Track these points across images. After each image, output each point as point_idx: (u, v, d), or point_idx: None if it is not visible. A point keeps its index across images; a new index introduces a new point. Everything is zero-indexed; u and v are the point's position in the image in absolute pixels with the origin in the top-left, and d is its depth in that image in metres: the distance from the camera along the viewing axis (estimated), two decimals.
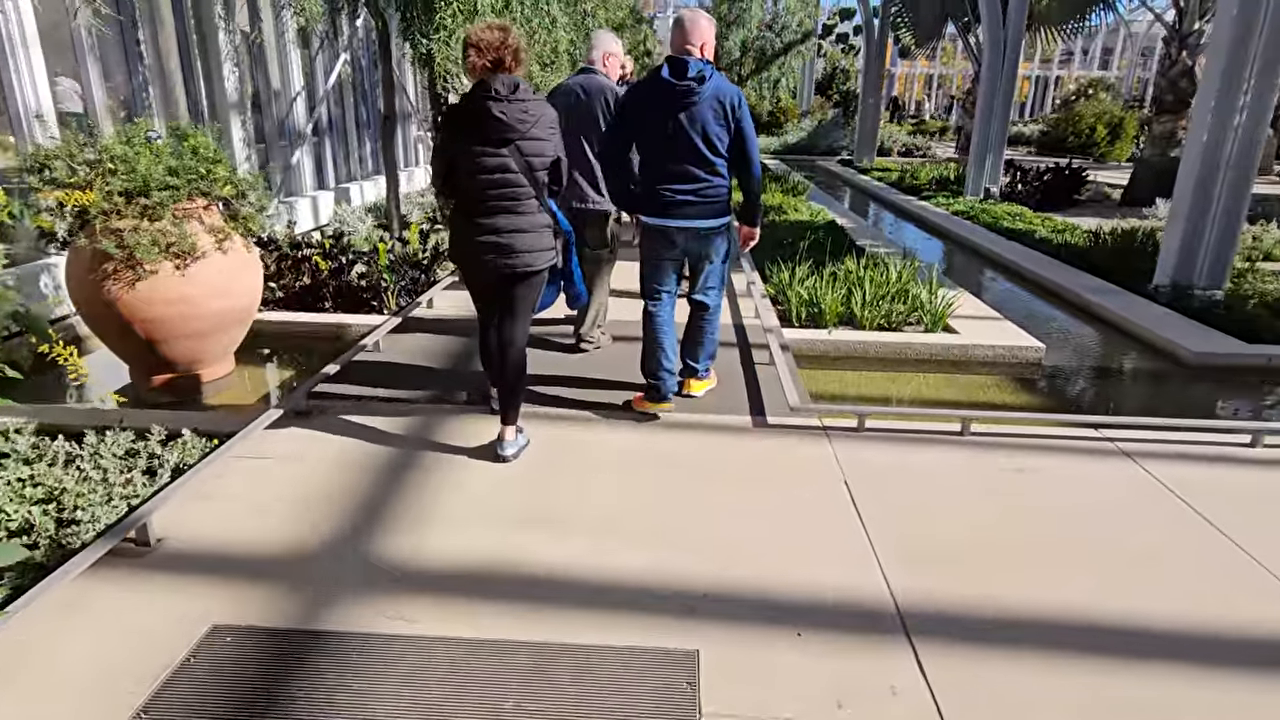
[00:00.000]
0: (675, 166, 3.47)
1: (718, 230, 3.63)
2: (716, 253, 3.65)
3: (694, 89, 3.39)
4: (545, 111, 3.09)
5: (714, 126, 3.41)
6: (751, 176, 3.55)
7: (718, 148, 3.46)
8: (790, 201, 10.72)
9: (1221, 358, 5.07)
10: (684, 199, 3.48)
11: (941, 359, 5.18)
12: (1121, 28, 35.23)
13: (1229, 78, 5.90)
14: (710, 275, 3.74)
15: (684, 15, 3.60)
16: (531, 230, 3.12)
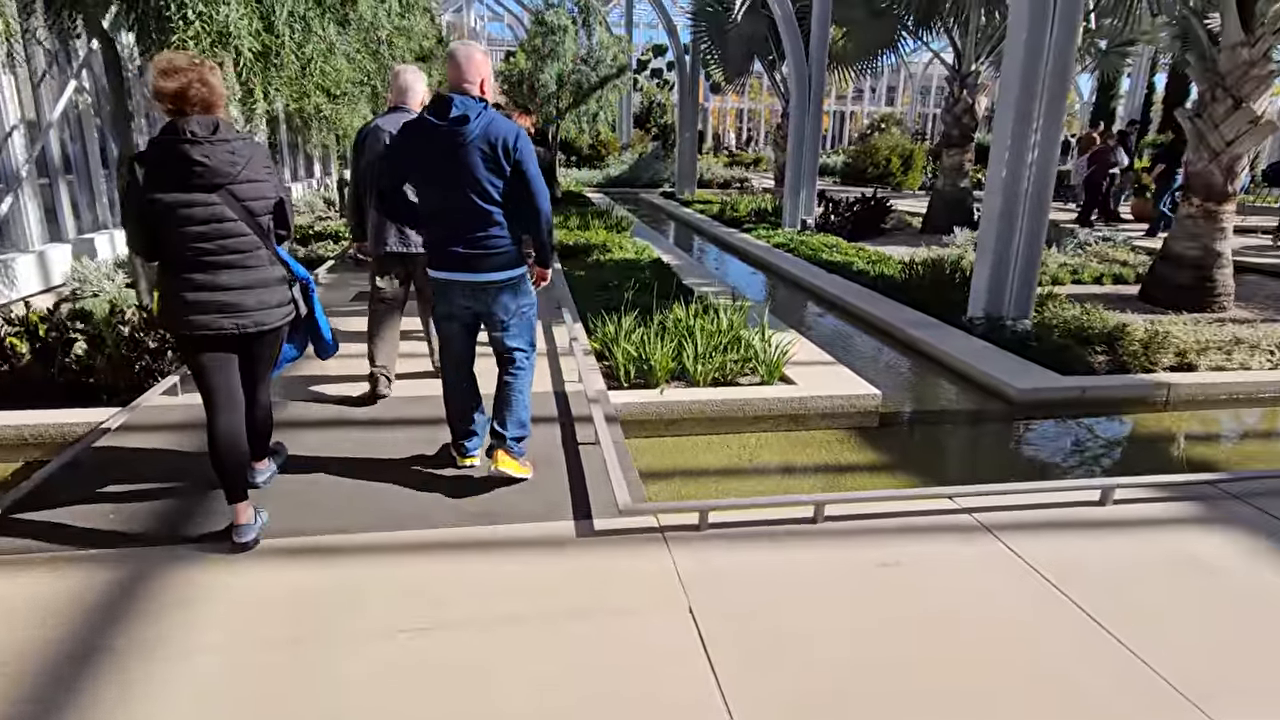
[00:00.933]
0: (448, 216, 3.16)
1: (503, 285, 3.24)
2: (506, 310, 3.30)
3: (459, 131, 2.99)
4: (255, 151, 2.78)
5: (483, 171, 3.06)
6: (539, 226, 3.19)
7: (492, 194, 3.10)
8: (615, 239, 10.31)
9: (1044, 393, 5.07)
10: (461, 251, 3.15)
11: (780, 414, 4.80)
12: (903, 69, 38.90)
13: (1021, 116, 6.09)
14: (509, 335, 3.36)
15: (457, 49, 3.13)
16: (263, 285, 2.84)
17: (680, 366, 5.04)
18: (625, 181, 21.73)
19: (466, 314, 3.32)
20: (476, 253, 3.17)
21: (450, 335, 3.40)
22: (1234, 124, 7.13)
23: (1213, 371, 5.49)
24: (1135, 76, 26.12)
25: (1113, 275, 9.10)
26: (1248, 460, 4.42)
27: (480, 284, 3.22)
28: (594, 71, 20.60)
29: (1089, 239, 11.03)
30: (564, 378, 4.83)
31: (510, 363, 3.41)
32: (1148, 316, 7.27)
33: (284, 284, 2.96)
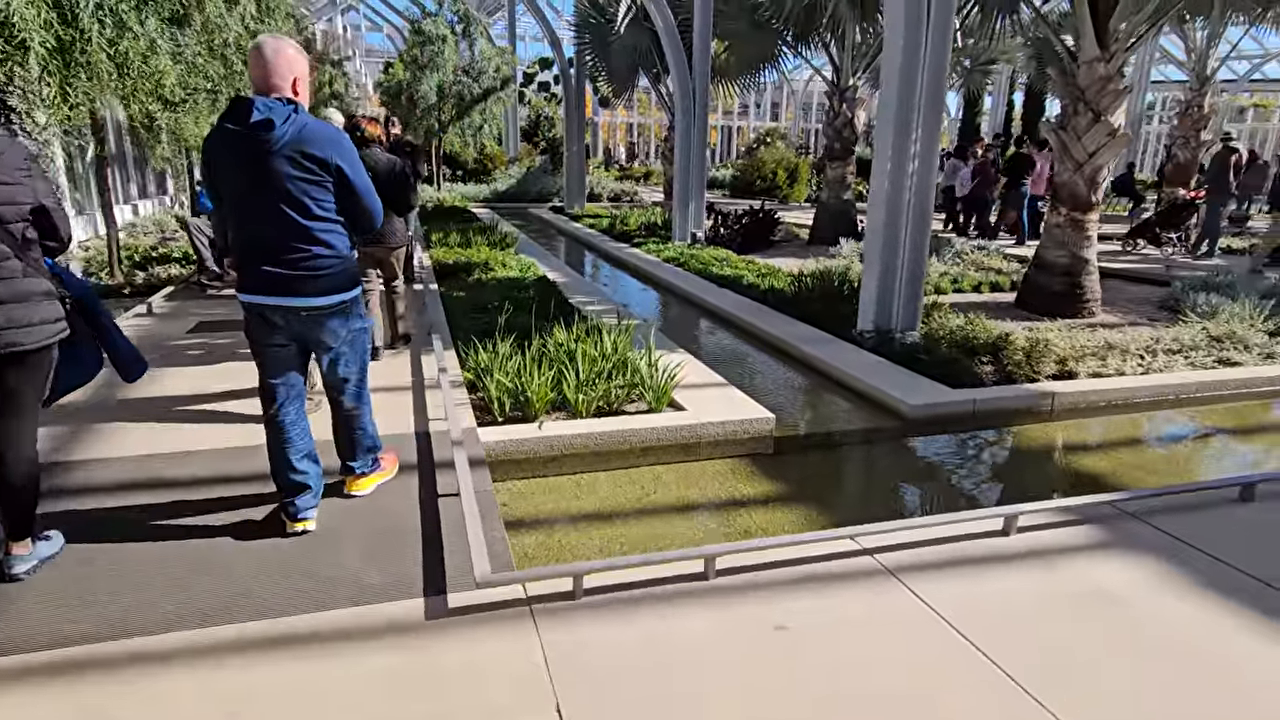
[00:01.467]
0: (259, 232, 2.79)
1: (330, 310, 2.91)
2: (335, 338, 2.98)
3: (263, 138, 2.60)
4: (8, 149, 2.44)
5: (298, 183, 2.72)
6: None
7: (310, 209, 2.76)
8: (498, 256, 9.79)
9: (937, 408, 4.95)
10: (275, 272, 2.78)
11: (670, 443, 4.45)
12: (785, 85, 40.09)
13: (900, 129, 6.04)
14: (339, 366, 3.07)
15: (264, 42, 2.72)
16: (15, 299, 2.45)
17: (561, 396, 4.62)
18: (513, 196, 21.14)
19: (288, 343, 2.95)
20: (298, 274, 2.80)
21: (270, 368, 2.96)
22: (1095, 136, 7.39)
23: (1092, 379, 5.55)
24: (996, 94, 27.79)
25: (990, 283, 9.33)
26: (1133, 470, 4.41)
27: (303, 309, 2.84)
28: (476, 83, 20.00)
29: (965, 248, 11.37)
30: (429, 415, 4.30)
31: (343, 394, 3.15)
32: (1026, 324, 7.41)
33: (48, 299, 2.55)
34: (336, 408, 3.20)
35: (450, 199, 18.36)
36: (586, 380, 4.77)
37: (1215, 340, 6.62)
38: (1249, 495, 3.40)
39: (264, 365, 2.97)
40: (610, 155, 37.42)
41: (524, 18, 33.72)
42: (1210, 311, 7.41)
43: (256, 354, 2.97)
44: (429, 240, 11.12)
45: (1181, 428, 5.25)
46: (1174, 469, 4.46)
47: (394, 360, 5.43)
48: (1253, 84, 28.65)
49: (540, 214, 18.15)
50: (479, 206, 19.70)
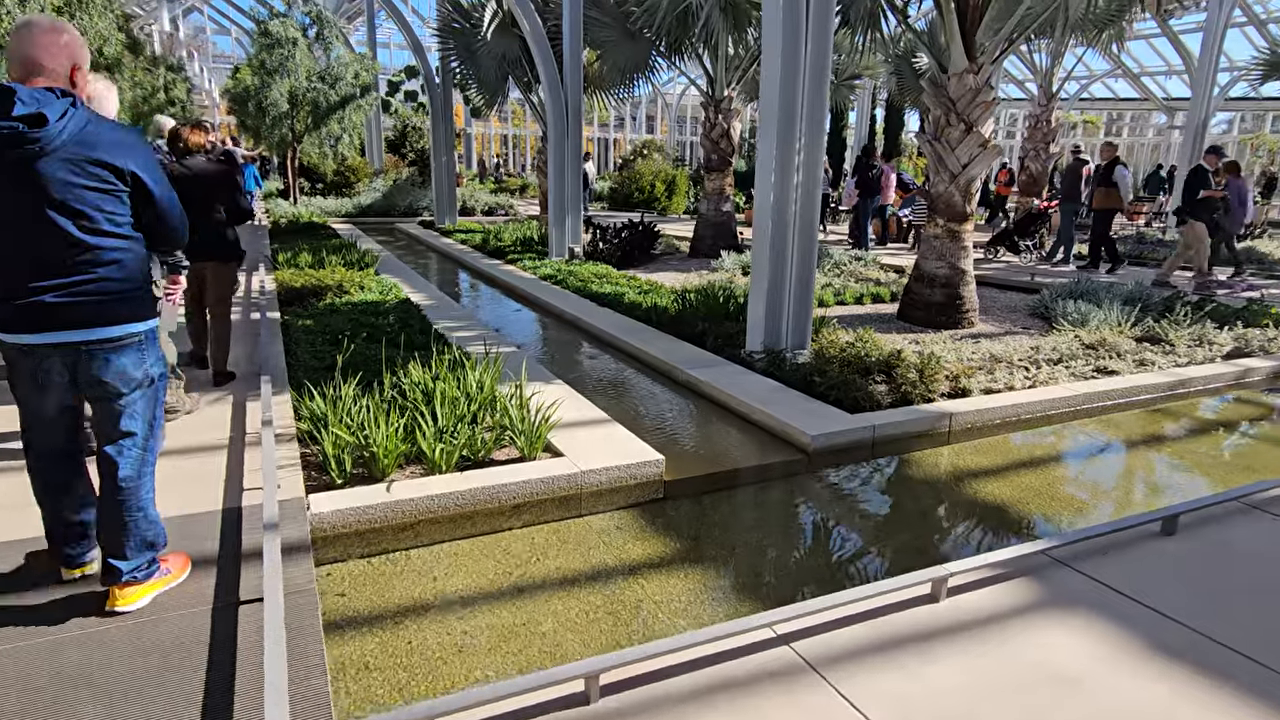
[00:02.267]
0: (21, 252, 2.26)
1: (117, 344, 2.39)
2: (124, 381, 2.43)
3: (32, 136, 2.15)
4: None
5: (79, 191, 2.26)
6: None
7: (98, 223, 2.30)
8: (355, 277, 8.83)
9: (837, 437, 4.58)
10: (46, 302, 2.27)
11: (546, 498, 3.83)
12: (659, 98, 40.34)
13: (784, 139, 5.71)
14: (122, 420, 2.45)
15: (35, 21, 2.28)
16: None
17: (416, 448, 3.90)
18: (379, 210, 19.83)
19: (62, 386, 2.41)
20: (74, 301, 2.30)
21: (40, 418, 2.46)
22: (967, 147, 7.39)
23: (984, 395, 5.38)
24: (860, 110, 28.91)
25: (871, 295, 9.28)
26: (1047, 498, 4.17)
27: (80, 344, 2.34)
28: (333, 90, 18.63)
29: (844, 258, 11.39)
30: (245, 484, 3.48)
31: (119, 460, 2.46)
32: (910, 336, 7.30)
33: None
34: (107, 479, 2.45)
35: (307, 214, 16.94)
36: (447, 427, 4.08)
37: (1089, 348, 6.69)
38: (1171, 528, 3.17)
39: (27, 419, 2.46)
40: (485, 167, 36.31)
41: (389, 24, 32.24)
42: (1080, 319, 7.55)
43: (18, 403, 2.46)
44: (275, 260, 9.97)
45: (1081, 444, 5.14)
46: (1087, 492, 4.27)
47: (211, 410, 4.52)
48: (1081, 102, 31.22)
49: (408, 229, 17.05)
50: (340, 222, 18.33)
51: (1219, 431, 5.39)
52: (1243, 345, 6.89)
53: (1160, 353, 6.56)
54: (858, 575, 3.35)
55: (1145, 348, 6.68)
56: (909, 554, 3.51)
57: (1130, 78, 27.55)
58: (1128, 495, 4.23)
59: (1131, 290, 8.56)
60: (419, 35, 18.67)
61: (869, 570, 3.39)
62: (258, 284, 8.52)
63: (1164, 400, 5.84)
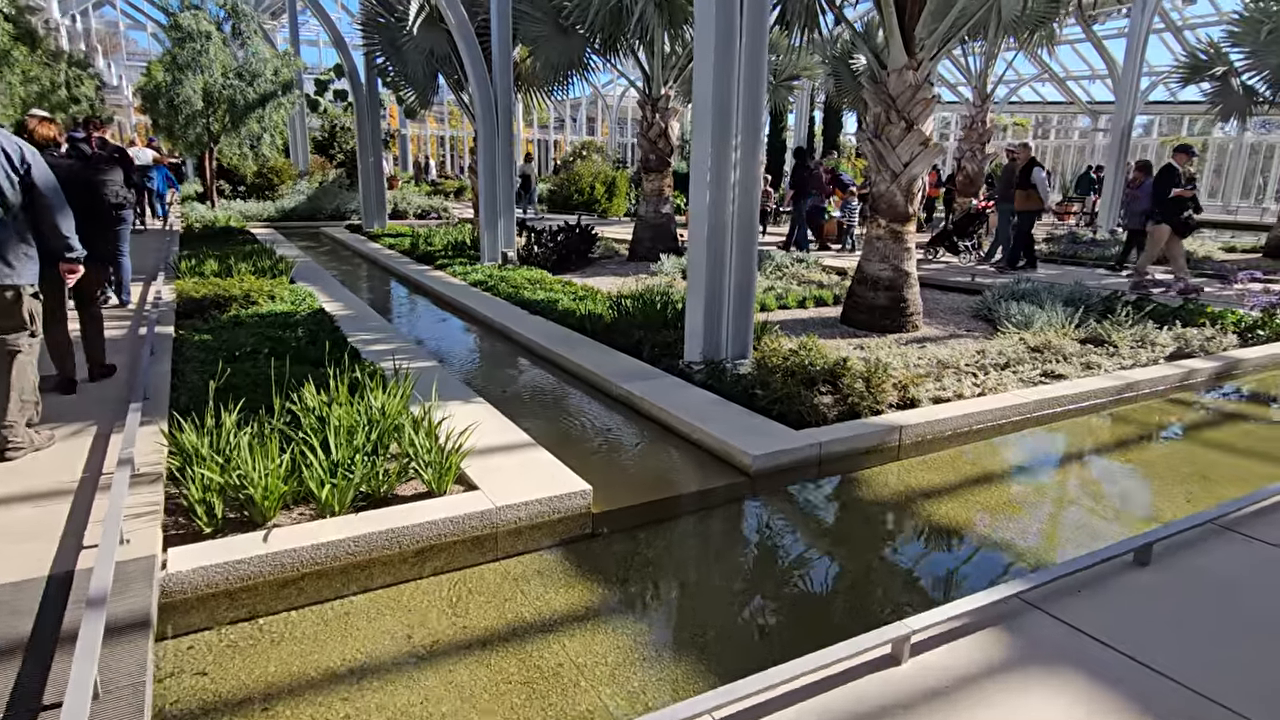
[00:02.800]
0: None
1: None
2: None
3: None
4: None
5: None
6: None
7: None
8: (266, 286, 8.16)
9: (782, 457, 4.22)
10: None
11: (456, 541, 3.36)
12: (600, 99, 39.91)
13: (720, 135, 5.34)
14: None
15: None
16: None
17: (306, 489, 3.39)
18: (304, 214, 18.87)
19: None
20: None
21: None
22: (909, 145, 7.16)
23: (934, 405, 5.10)
24: (799, 111, 29.00)
25: (814, 298, 9.01)
26: (1007, 522, 3.89)
27: None
28: (251, 87, 17.66)
29: (785, 261, 11.14)
30: (86, 539, 2.92)
31: None
32: (854, 341, 7.04)
33: None
34: None
35: (224, 219, 15.97)
36: (343, 460, 3.56)
37: (1035, 351, 6.51)
38: (1145, 557, 2.88)
39: None
40: (421, 169, 35.28)
41: (315, 21, 30.99)
42: (1024, 321, 7.40)
43: None
44: (178, 269, 9.19)
45: (1036, 456, 4.90)
46: (1049, 513, 3.99)
47: (67, 444, 3.90)
48: (1011, 105, 31.98)
49: (334, 234, 16.23)
50: (261, 227, 17.37)
51: (1171, 437, 5.23)
52: (1183, 346, 6.82)
53: (1105, 355, 6.43)
54: (809, 624, 2.97)
55: (1090, 350, 6.54)
56: (864, 595, 3.16)
57: (1057, 82, 28.31)
58: (1092, 514, 3.97)
59: (1072, 290, 8.49)
60: (342, 30, 17.83)
61: (822, 619, 3.02)
62: (154, 294, 7.79)
63: (1113, 404, 5.67)
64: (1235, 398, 6.25)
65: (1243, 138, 26.29)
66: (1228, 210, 26.27)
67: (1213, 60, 14.14)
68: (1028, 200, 11.68)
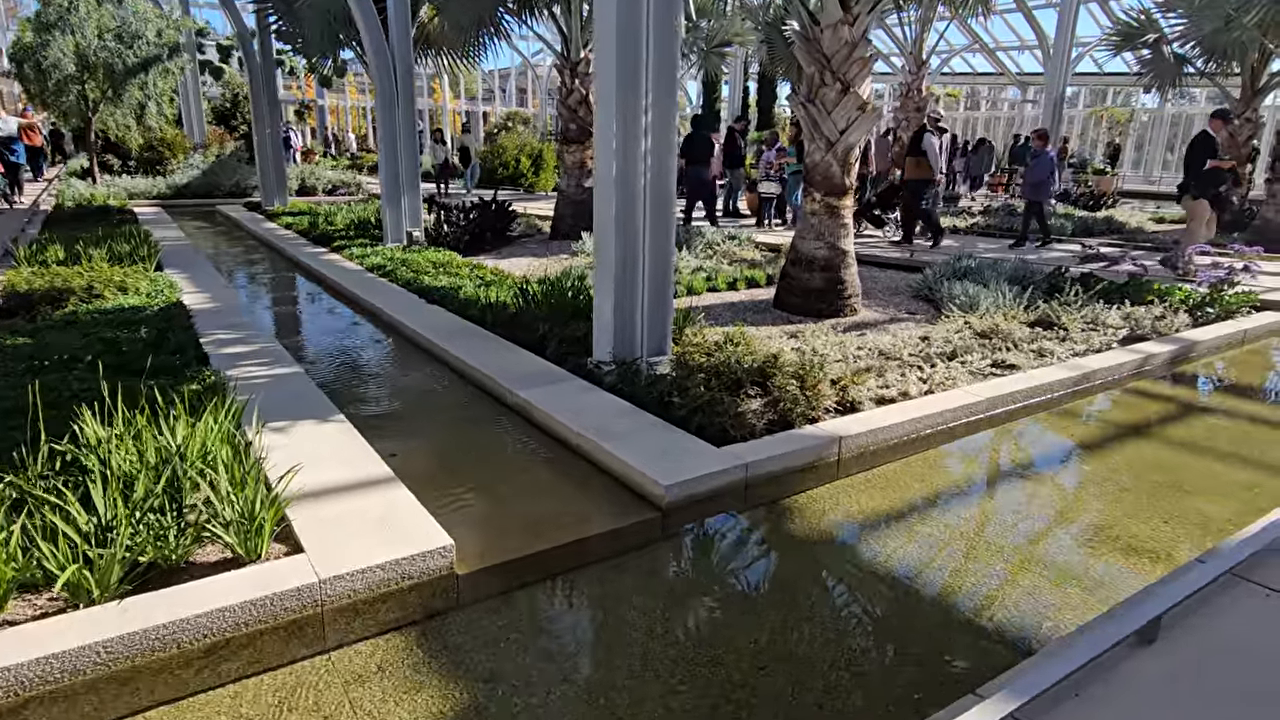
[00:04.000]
0: None
1: None
2: None
3: None
4: None
5: None
6: None
7: None
8: (117, 276, 7.01)
9: (699, 484, 3.48)
10: None
11: (265, 629, 2.52)
12: (529, 70, 38.37)
13: (626, 92, 4.52)
14: None
15: None
16: None
17: (47, 555, 2.49)
18: (198, 191, 17.24)
19: None
20: None
21: None
22: (845, 110, 6.46)
23: (877, 408, 4.44)
24: (733, 80, 28.24)
25: (746, 279, 8.31)
26: (969, 565, 3.24)
27: None
28: (130, 50, 15.91)
29: (716, 238, 10.42)
30: None
31: None
32: (789, 329, 6.36)
33: None
34: None
35: (102, 196, 14.36)
36: (118, 521, 2.66)
37: (983, 337, 5.94)
38: (1152, 633, 2.24)
39: None
40: (338, 142, 33.31)
41: None
42: (969, 302, 6.84)
43: None
44: (14, 255, 7.91)
45: (995, 471, 4.29)
46: (1019, 553, 3.36)
47: None
48: (943, 76, 31.88)
49: (230, 213, 14.79)
50: (147, 205, 15.78)
51: (1135, 437, 4.69)
52: (1134, 327, 6.36)
53: (1056, 340, 5.90)
54: None
55: (1040, 334, 6.01)
56: (804, 698, 2.44)
57: (987, 53, 28.23)
58: (1071, 551, 3.35)
59: (1014, 268, 8.00)
60: None
61: None
62: None
63: (1070, 398, 5.12)
64: (1195, 386, 5.80)
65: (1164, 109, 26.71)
66: (1149, 180, 26.72)
67: (1144, 28, 13.90)
68: (918, 168, 11.07)
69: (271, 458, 3.41)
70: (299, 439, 3.73)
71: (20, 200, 15.01)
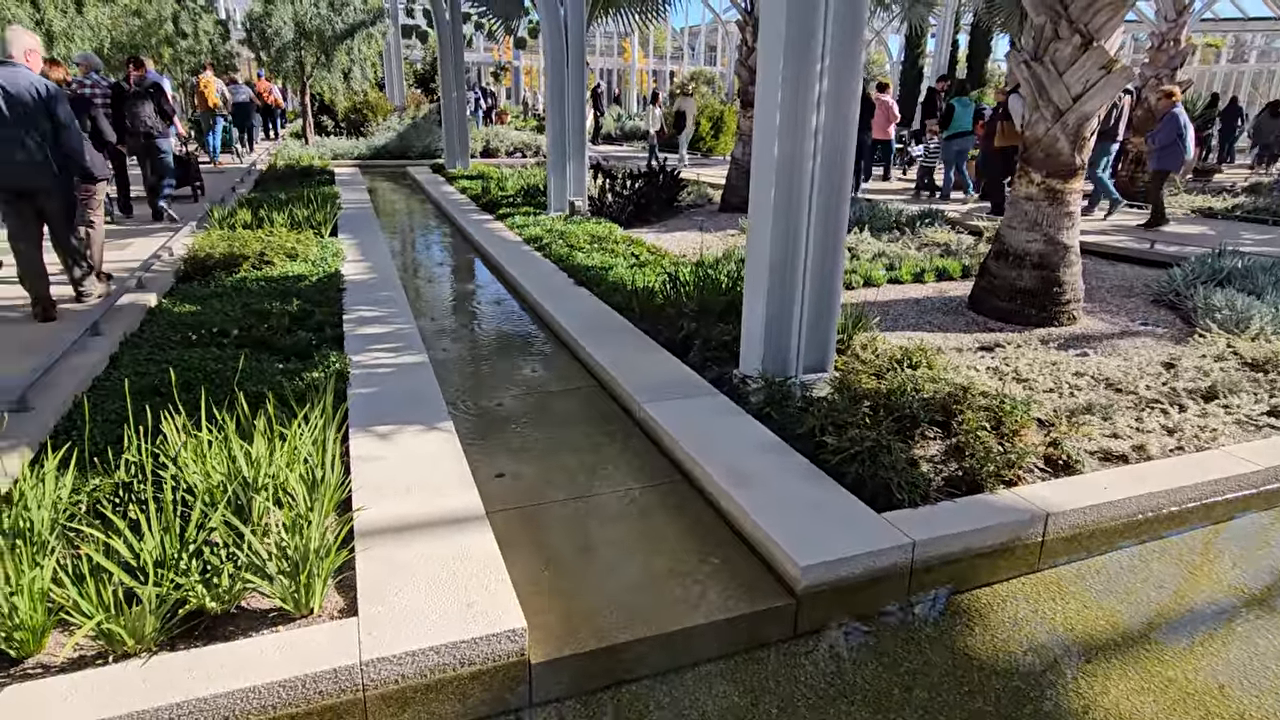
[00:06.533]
0: None
1: None
2: None
3: None
4: None
5: None
6: None
7: None
8: (290, 241, 7.19)
9: (847, 567, 2.71)
10: None
11: (298, 716, 2.13)
12: (719, 26, 37.03)
13: (796, 53, 3.68)
14: None
15: None
16: None
17: (78, 599, 2.23)
18: (394, 153, 18.10)
19: None
20: None
21: None
22: (1083, 70, 5.16)
23: (1102, 470, 3.39)
24: (940, 34, 25.53)
25: (935, 269, 7.14)
26: None
27: None
28: (339, 16, 16.85)
29: (904, 217, 9.17)
30: None
31: None
32: (986, 339, 5.27)
33: None
34: None
35: (308, 158, 15.38)
36: (169, 557, 2.38)
37: (1255, 369, 4.57)
38: None
39: None
40: (530, 105, 34.14)
41: None
42: (1234, 317, 5.35)
43: None
44: (211, 216, 8.41)
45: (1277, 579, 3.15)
46: None
47: None
48: (1203, 23, 26.95)
49: (418, 174, 15.33)
50: (348, 165, 16.76)
51: None
52: None
53: None
54: None
55: None
56: None
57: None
58: None
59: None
60: None
61: None
62: (171, 249, 6.99)
63: None
64: None
65: None
66: None
67: None
68: (1005, 135, 9.66)
69: (359, 473, 3.06)
70: (395, 451, 3.37)
71: (252, 154, 16.52)
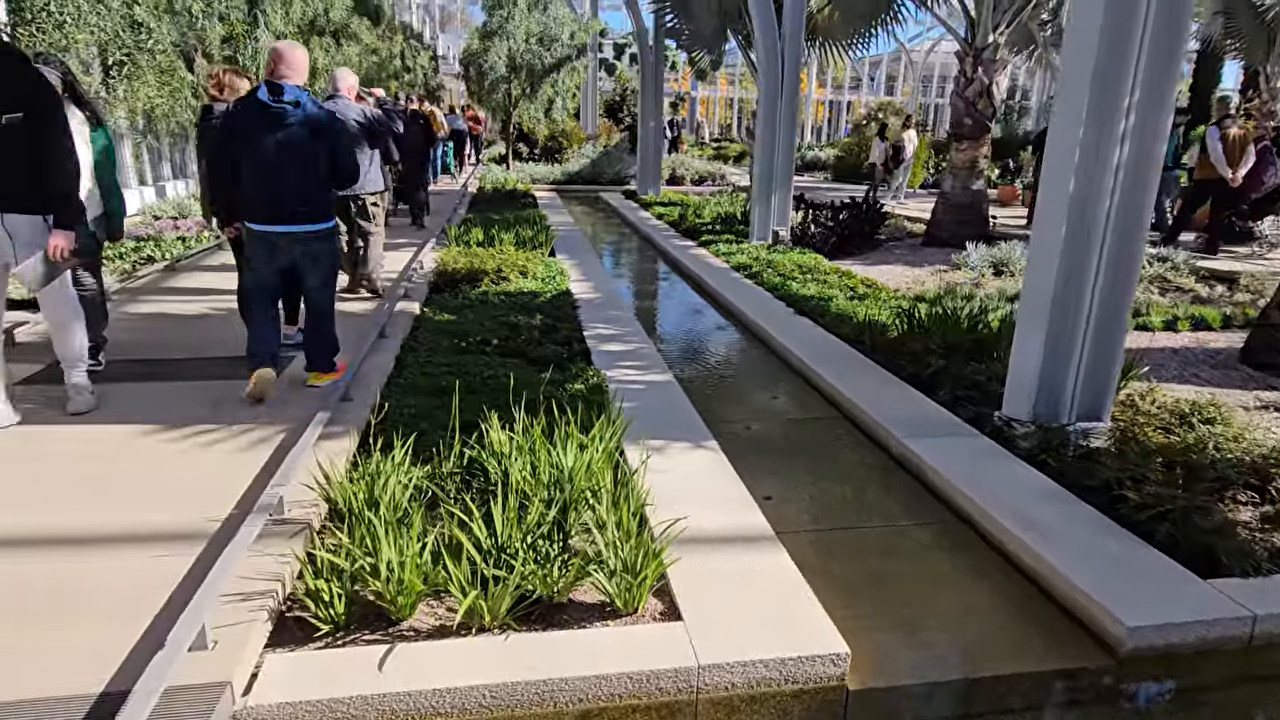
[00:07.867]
0: None
1: None
2: None
3: None
4: None
5: None
6: None
7: None
8: (520, 259, 7.73)
9: (1177, 631, 2.53)
10: None
11: (632, 706, 2.27)
12: (903, 56, 36.18)
13: (1103, 84, 3.54)
14: None
15: None
16: None
17: (454, 575, 2.50)
18: (586, 178, 19.03)
19: None
20: None
21: None
22: None
23: None
24: None
25: (1190, 318, 6.53)
26: None
27: None
28: (548, 52, 18.00)
29: (1145, 261, 8.47)
30: (169, 634, 2.26)
31: None
32: (1267, 397, 4.76)
33: None
34: None
35: (511, 181, 16.48)
36: (509, 543, 2.63)
37: None
38: None
39: None
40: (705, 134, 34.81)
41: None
42: None
43: None
44: (448, 234, 9.21)
45: None
46: None
47: (235, 459, 3.43)
48: None
49: (611, 199, 16.02)
50: (545, 189, 17.79)
51: None
52: None
53: None
54: None
55: None
56: None
57: None
58: None
59: None
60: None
61: None
62: (423, 262, 7.74)
63: None
64: None
65: None
66: None
67: None
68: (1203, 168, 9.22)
69: (649, 486, 3.23)
70: (672, 466, 3.53)
71: (463, 175, 18.00)
